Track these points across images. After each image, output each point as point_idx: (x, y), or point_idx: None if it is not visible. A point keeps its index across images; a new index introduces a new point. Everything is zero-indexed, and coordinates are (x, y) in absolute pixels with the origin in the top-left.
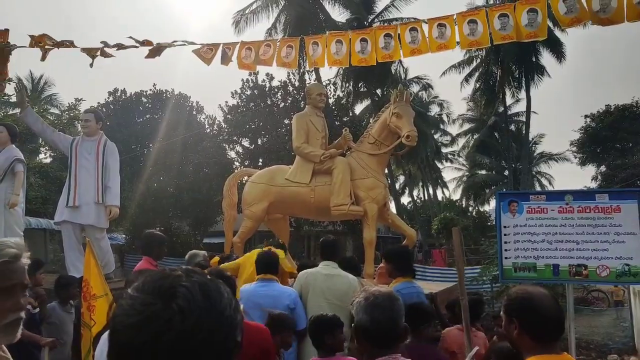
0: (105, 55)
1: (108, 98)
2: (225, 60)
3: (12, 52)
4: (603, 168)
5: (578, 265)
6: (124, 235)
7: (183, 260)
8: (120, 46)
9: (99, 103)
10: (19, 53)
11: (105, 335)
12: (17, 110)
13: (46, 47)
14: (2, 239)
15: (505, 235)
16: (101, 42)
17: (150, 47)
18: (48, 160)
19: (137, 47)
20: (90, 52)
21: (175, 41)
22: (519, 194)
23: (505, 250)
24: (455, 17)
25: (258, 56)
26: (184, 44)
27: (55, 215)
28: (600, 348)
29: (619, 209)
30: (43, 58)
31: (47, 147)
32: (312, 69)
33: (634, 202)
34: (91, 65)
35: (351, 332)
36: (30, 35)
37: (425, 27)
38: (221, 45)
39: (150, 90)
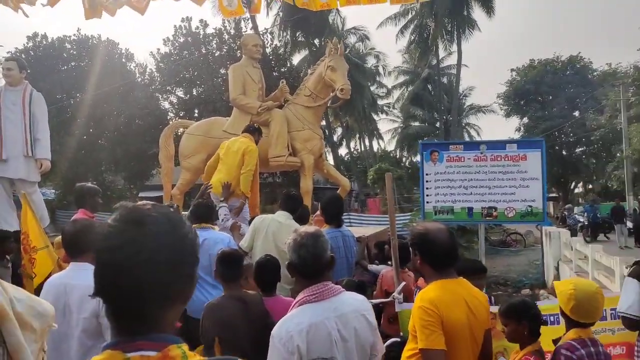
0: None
1: (27, 43)
2: None
3: None
4: (526, 120)
5: (489, 207)
6: (53, 190)
7: None
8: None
9: (16, 49)
10: None
11: (46, 283)
12: None
13: None
14: None
15: (427, 182)
16: None
17: None
18: None
19: None
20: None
21: None
22: (440, 144)
23: (427, 195)
24: None
25: None
26: None
27: None
28: (515, 284)
29: (525, 157)
30: None
31: None
32: (248, 16)
33: (537, 151)
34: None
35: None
36: None
37: None
38: None
39: (75, 35)
